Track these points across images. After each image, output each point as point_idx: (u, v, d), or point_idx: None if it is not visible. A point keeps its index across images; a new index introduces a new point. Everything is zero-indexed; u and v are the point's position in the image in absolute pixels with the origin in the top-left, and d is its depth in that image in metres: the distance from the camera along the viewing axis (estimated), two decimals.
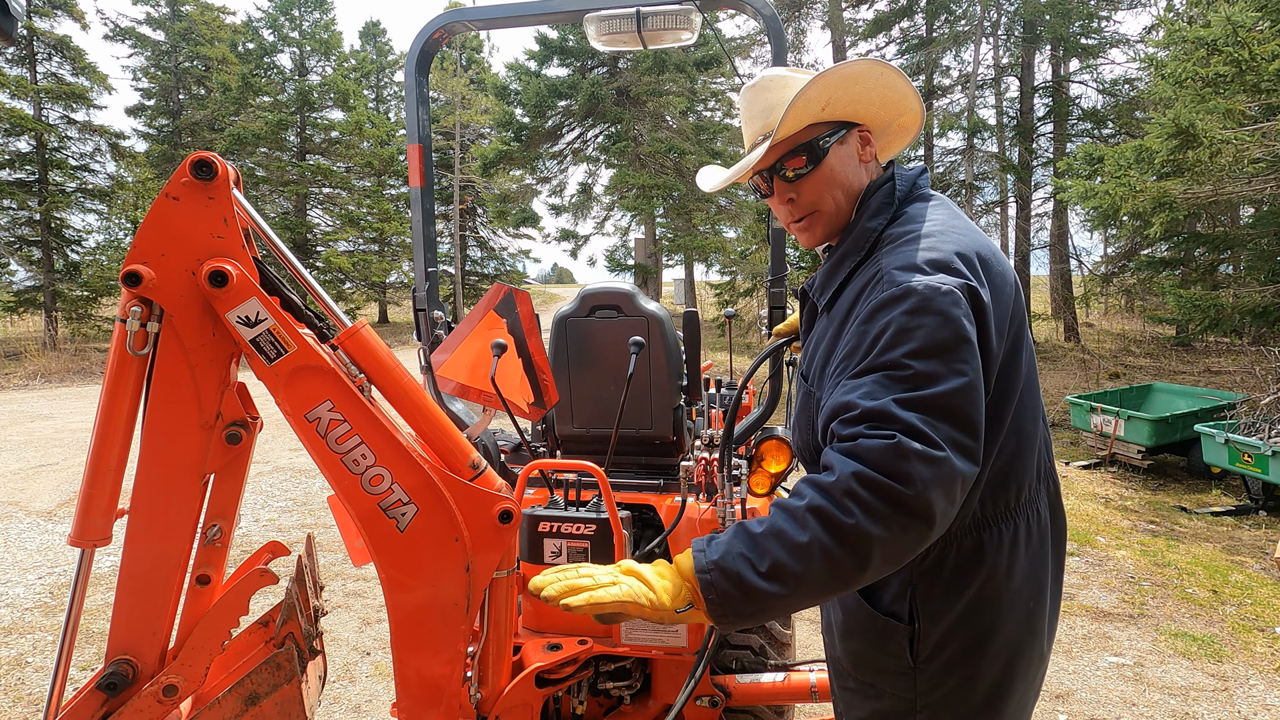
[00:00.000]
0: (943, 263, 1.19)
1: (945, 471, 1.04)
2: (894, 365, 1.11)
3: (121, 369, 1.28)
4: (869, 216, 1.35)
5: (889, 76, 1.35)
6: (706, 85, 23.09)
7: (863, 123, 1.40)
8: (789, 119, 1.31)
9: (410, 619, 1.43)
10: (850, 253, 1.35)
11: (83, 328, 19.08)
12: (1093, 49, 17.08)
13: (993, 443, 1.26)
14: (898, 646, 1.32)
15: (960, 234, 1.27)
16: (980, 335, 1.16)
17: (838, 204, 1.39)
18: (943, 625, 1.30)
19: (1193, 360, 13.59)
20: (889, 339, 1.13)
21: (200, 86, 26.12)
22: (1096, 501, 6.79)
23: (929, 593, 1.30)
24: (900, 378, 1.10)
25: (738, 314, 15.08)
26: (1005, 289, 1.25)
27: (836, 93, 1.33)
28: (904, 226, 1.31)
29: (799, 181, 1.38)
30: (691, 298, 25.65)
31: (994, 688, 1.33)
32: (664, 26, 2.57)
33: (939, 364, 1.10)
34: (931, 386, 1.08)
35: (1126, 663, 3.79)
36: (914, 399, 1.07)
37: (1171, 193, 8.16)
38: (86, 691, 1.34)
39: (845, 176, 1.38)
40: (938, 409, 1.07)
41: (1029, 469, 1.32)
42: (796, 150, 1.36)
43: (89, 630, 4.01)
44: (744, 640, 2.48)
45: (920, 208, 1.35)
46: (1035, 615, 1.35)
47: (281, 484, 7.03)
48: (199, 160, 1.25)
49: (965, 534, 1.30)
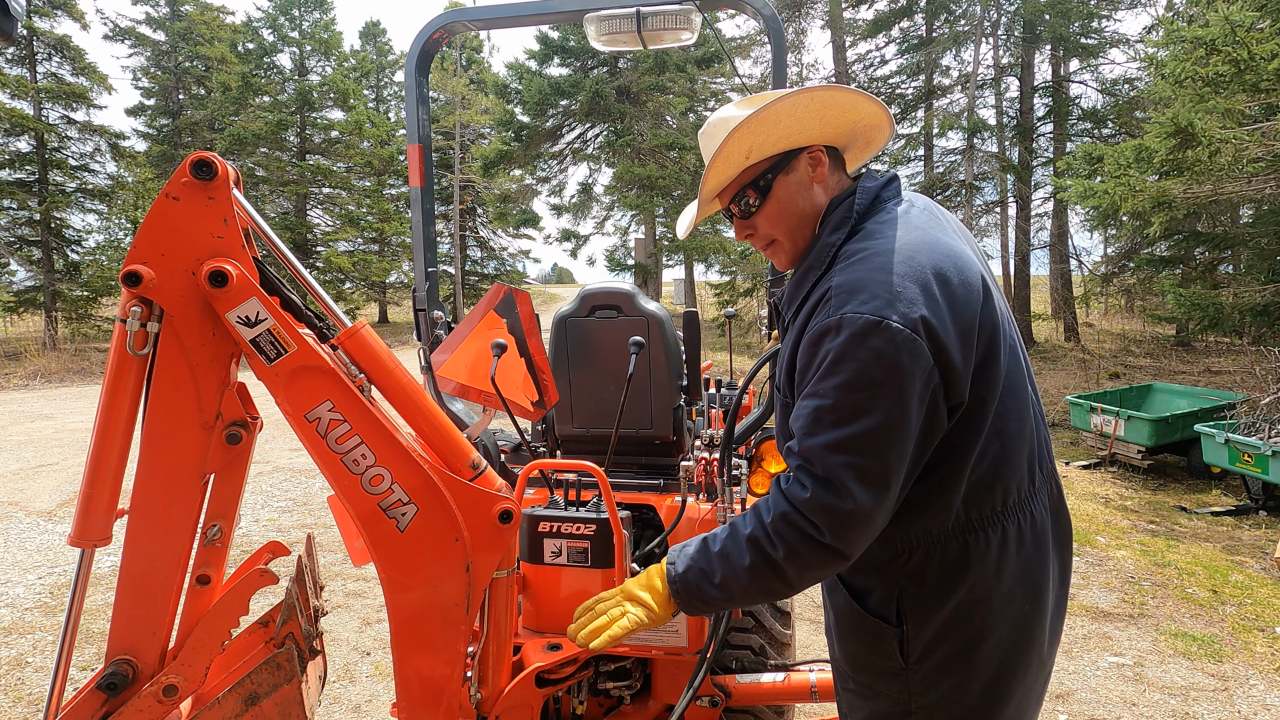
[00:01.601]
0: (889, 292, 1.19)
1: (854, 518, 1.19)
2: (825, 394, 1.21)
3: (121, 369, 1.28)
4: (829, 232, 1.35)
5: (819, 96, 1.31)
6: (706, 85, 23.10)
7: (810, 144, 1.39)
8: (710, 178, 1.36)
9: (410, 619, 1.43)
10: (813, 267, 1.36)
11: (83, 328, 19.08)
12: (1092, 49, 17.08)
13: (971, 448, 1.27)
14: (888, 648, 1.34)
15: (914, 250, 1.25)
16: (938, 357, 1.18)
17: (793, 230, 1.40)
18: (931, 628, 1.31)
19: (1193, 360, 13.59)
20: (825, 368, 1.21)
21: (200, 86, 26.12)
22: (1096, 501, 6.79)
23: (915, 596, 1.32)
24: (829, 408, 1.20)
25: (738, 314, 15.09)
26: (968, 301, 1.23)
27: (757, 139, 1.32)
28: (860, 243, 1.30)
29: (752, 217, 1.41)
30: (691, 298, 25.65)
31: (988, 691, 1.33)
32: (664, 26, 2.57)
33: (866, 399, 1.17)
34: (855, 423, 1.18)
35: (1126, 663, 3.80)
36: (837, 440, 1.19)
37: (1171, 192, 8.16)
38: (86, 691, 1.34)
39: (797, 204, 1.39)
40: (857, 446, 1.18)
41: (1017, 471, 1.32)
42: (740, 192, 1.40)
43: (89, 630, 4.01)
44: (744, 640, 2.48)
45: (879, 223, 1.33)
46: (1032, 619, 1.34)
47: (281, 484, 7.03)
48: (199, 160, 1.25)
49: (949, 538, 1.30)
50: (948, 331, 1.19)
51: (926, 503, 1.28)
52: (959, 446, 1.27)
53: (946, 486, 1.28)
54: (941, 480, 1.28)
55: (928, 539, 1.30)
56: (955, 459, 1.27)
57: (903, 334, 1.16)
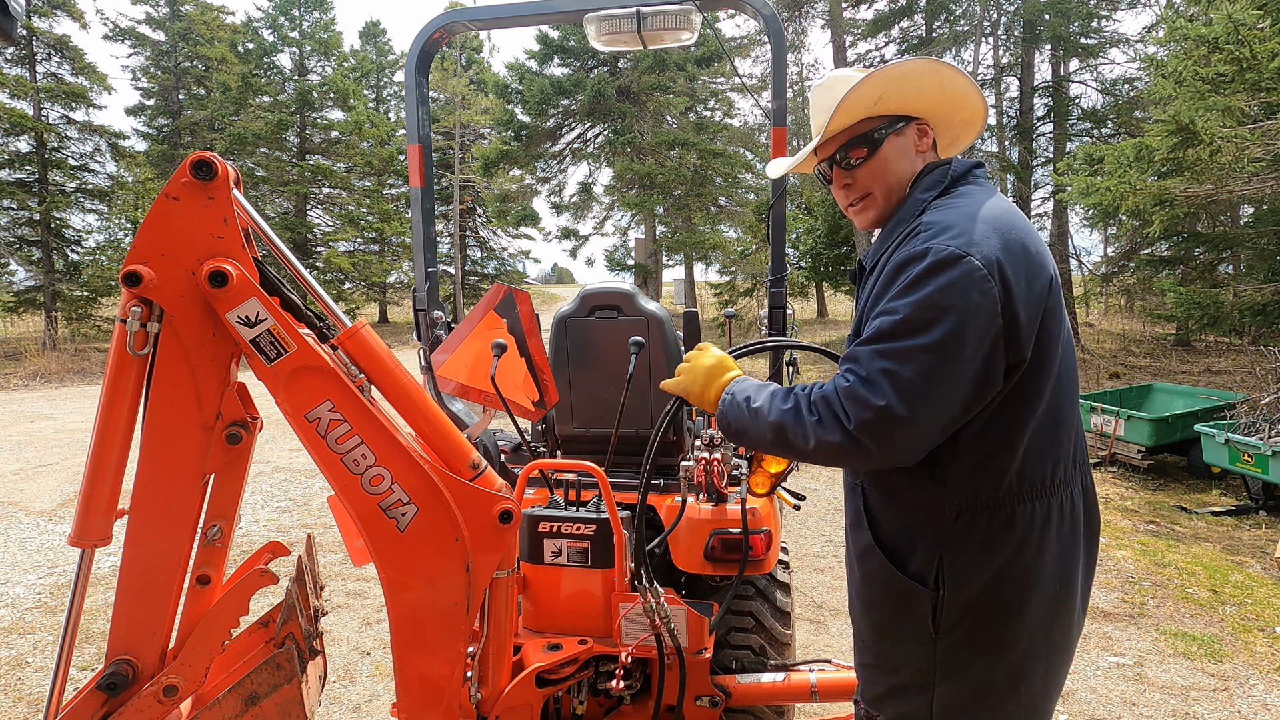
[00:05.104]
0: (976, 234, 1.25)
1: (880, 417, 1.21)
2: (892, 310, 1.25)
3: (121, 369, 1.28)
4: (921, 189, 1.42)
5: (945, 73, 1.42)
6: (706, 85, 23.09)
7: (921, 116, 1.47)
8: (840, 114, 1.41)
9: (410, 619, 1.43)
10: (902, 220, 1.41)
11: (83, 328, 19.07)
12: (1092, 49, 17.06)
13: (1029, 414, 1.30)
14: (920, 614, 1.34)
15: (1004, 215, 1.31)
16: (1005, 305, 1.22)
17: (890, 189, 1.46)
18: (968, 594, 1.32)
19: (1193, 360, 13.59)
20: (901, 288, 1.26)
21: (200, 86, 26.11)
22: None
23: (957, 560, 1.33)
24: (890, 322, 1.24)
25: (738, 314, 15.08)
26: (1041, 272, 1.29)
27: (889, 88, 1.40)
28: (952, 199, 1.37)
29: (855, 169, 1.47)
30: (691, 298, 25.65)
31: (1014, 669, 1.33)
32: (664, 26, 2.57)
33: (926, 320, 1.21)
34: (909, 338, 1.22)
35: (1126, 662, 3.79)
36: (887, 349, 1.23)
37: (1171, 191, 8.15)
38: (86, 691, 1.34)
39: (900, 165, 1.46)
40: (903, 357, 1.21)
41: (1065, 452, 1.36)
42: (853, 141, 1.46)
43: (89, 630, 4.01)
44: (744, 640, 2.48)
45: (972, 188, 1.40)
46: (1062, 603, 1.36)
47: (281, 484, 7.03)
48: (199, 160, 1.25)
49: (999, 505, 1.31)
50: (1020, 285, 1.24)
51: (980, 466, 1.31)
52: (1018, 410, 1.29)
53: (1001, 450, 1.30)
54: (997, 442, 1.30)
55: (976, 503, 1.31)
56: (1014, 422, 1.30)
57: (979, 272, 1.21)
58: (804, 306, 26.75)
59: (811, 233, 20.24)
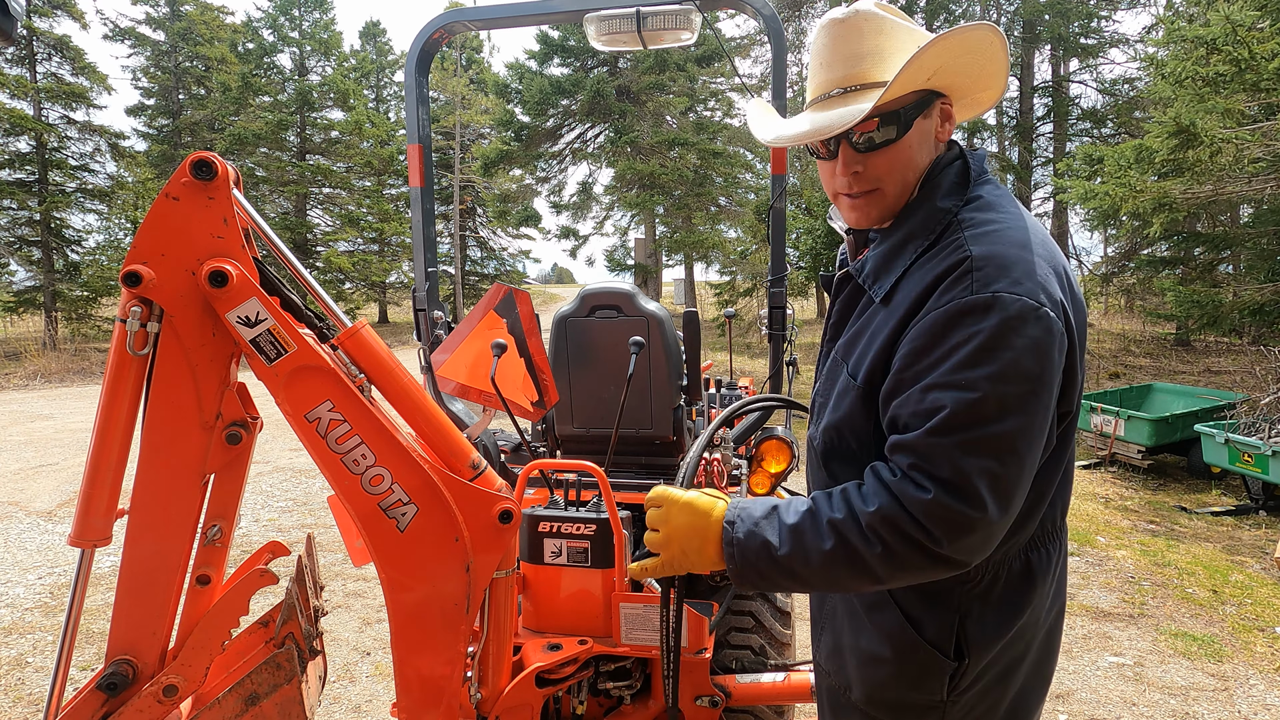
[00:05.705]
0: (1038, 275, 1.05)
1: (980, 529, 1.02)
2: (968, 385, 1.01)
3: (121, 369, 1.28)
4: (941, 196, 1.17)
5: (996, 50, 1.16)
6: (706, 85, 23.09)
7: (948, 94, 1.21)
8: (900, 82, 1.10)
9: (410, 619, 1.43)
10: (916, 234, 1.17)
11: (83, 328, 19.07)
12: (1092, 49, 17.08)
13: (1063, 461, 1.17)
14: (934, 683, 1.19)
15: (1044, 239, 1.14)
16: (1067, 362, 1.07)
17: (905, 186, 1.20)
18: (987, 657, 1.19)
19: (1193, 360, 13.59)
20: (970, 353, 1.02)
21: (200, 86, 26.12)
22: (1096, 501, 6.78)
23: (980, 623, 1.18)
24: (971, 401, 1.01)
25: (738, 314, 15.08)
26: (1082, 310, 1.14)
27: (949, 60, 1.13)
28: (985, 214, 1.14)
29: (872, 153, 1.17)
30: (691, 298, 25.65)
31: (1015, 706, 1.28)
32: (664, 26, 2.58)
33: (1015, 396, 1.01)
34: (998, 422, 1.01)
35: (1126, 663, 3.79)
36: (976, 439, 1.01)
37: (1171, 192, 8.16)
38: (86, 691, 1.33)
39: (920, 156, 1.19)
40: (999, 448, 1.01)
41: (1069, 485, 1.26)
42: (884, 119, 1.16)
43: (89, 630, 4.01)
44: (744, 640, 2.48)
45: (994, 194, 1.18)
46: (1055, 629, 1.31)
47: (281, 484, 7.03)
48: (199, 160, 1.25)
49: (1016, 556, 1.19)
50: (1075, 332, 1.08)
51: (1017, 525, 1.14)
52: (1058, 460, 1.15)
53: (1037, 505, 1.16)
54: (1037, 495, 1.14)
55: (994, 558, 1.16)
56: (1051, 472, 1.15)
57: (1057, 325, 1.03)
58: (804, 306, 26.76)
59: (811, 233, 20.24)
